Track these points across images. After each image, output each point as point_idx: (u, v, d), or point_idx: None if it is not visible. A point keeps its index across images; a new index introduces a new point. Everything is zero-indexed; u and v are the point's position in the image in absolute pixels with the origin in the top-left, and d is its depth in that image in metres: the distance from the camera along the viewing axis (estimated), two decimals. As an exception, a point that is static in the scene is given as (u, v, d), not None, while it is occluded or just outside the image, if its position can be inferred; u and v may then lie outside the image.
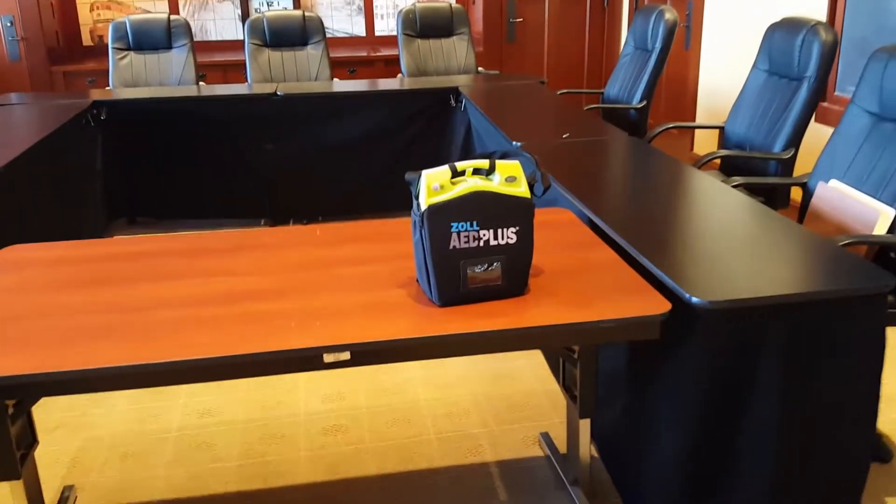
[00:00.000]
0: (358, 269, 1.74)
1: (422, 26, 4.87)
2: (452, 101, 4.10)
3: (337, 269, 1.75)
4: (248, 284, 1.67)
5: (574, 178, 2.40)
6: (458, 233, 1.51)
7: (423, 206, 1.50)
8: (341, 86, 4.39)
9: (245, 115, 4.05)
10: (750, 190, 2.74)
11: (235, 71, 5.32)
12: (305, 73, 4.67)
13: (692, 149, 5.23)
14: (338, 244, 1.90)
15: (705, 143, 5.06)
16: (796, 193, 2.65)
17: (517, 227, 1.54)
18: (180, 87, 4.44)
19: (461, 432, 2.35)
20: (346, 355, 1.43)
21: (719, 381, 1.60)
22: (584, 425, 1.92)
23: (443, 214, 1.50)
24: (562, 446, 2.23)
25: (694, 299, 1.51)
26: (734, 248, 1.75)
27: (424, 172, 1.52)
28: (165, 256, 1.84)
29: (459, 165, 1.53)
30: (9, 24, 5.06)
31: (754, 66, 3.12)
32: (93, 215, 3.86)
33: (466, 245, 1.51)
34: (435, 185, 1.51)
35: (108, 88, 4.53)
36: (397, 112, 4.10)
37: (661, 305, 1.52)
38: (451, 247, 1.51)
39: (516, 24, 5.98)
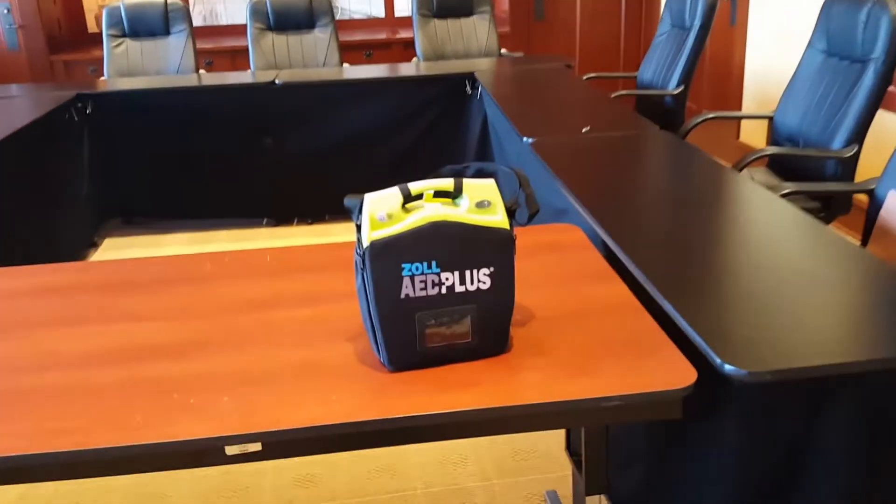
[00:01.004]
0: (303, 311, 1.39)
1: (438, 5, 4.47)
2: (468, 89, 3.71)
3: (277, 311, 1.40)
4: (159, 334, 1.33)
5: (589, 184, 2.00)
6: (412, 277, 1.14)
7: (365, 243, 1.14)
8: (347, 73, 4.04)
9: (244, 106, 3.72)
10: (805, 195, 2.31)
11: (245, 57, 5.00)
12: (312, 58, 4.32)
13: (738, 137, 4.76)
14: (288, 274, 1.55)
15: (753, 132, 4.59)
16: (860, 196, 2.22)
17: (491, 268, 1.16)
18: (174, 76, 4.13)
19: (454, 486, 2.00)
20: (255, 447, 1.08)
21: (759, 466, 1.22)
22: (591, 501, 1.55)
23: (391, 253, 1.13)
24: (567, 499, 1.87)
25: (728, 367, 1.12)
26: (783, 290, 1.35)
27: (367, 197, 1.15)
28: (77, 292, 1.51)
29: (414, 188, 1.16)
30: (6, 12, 4.80)
31: (810, 45, 2.67)
32: (81, 217, 3.58)
33: (423, 293, 1.15)
34: (380, 214, 1.14)
35: (103, 78, 4.24)
36: (407, 101, 3.73)
37: (685, 375, 1.14)
38: (402, 295, 1.14)
39: (545, 1, 5.54)
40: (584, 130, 2.54)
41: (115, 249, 3.67)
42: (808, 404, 1.16)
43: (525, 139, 2.47)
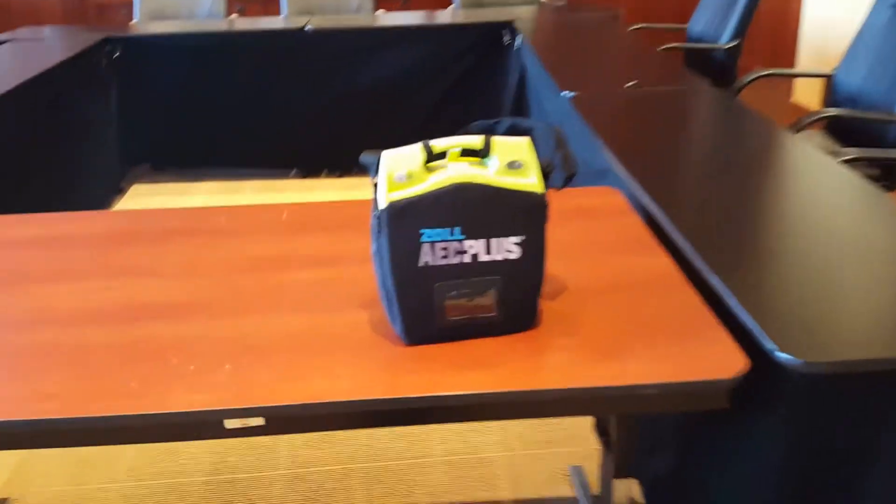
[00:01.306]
0: (317, 273, 1.29)
1: (479, -51, 4.27)
2: (506, 38, 3.55)
3: (288, 272, 1.30)
4: (162, 293, 1.25)
5: (632, 143, 1.86)
6: (432, 243, 1.03)
7: (382, 204, 1.03)
8: (380, 19, 3.88)
9: (273, 53, 3.60)
10: (866, 161, 2.14)
11: (276, 4, 4.86)
12: (346, 4, 4.17)
13: (790, 97, 4.52)
14: (304, 233, 1.45)
15: (807, 92, 4.35)
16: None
17: (521, 237, 1.05)
18: (204, 21, 4.01)
19: (475, 456, 1.91)
20: (257, 421, 0.99)
21: (807, 470, 1.10)
22: (620, 484, 1.46)
23: (410, 217, 1.02)
24: (597, 484, 1.77)
25: (782, 355, 1.00)
26: (844, 268, 1.22)
27: (386, 154, 1.04)
28: (81, 244, 1.43)
29: (438, 145, 1.05)
30: (38, -50, 4.71)
31: (878, -2, 2.47)
32: (108, 162, 3.52)
33: (444, 261, 1.04)
34: (399, 173, 1.03)
35: (133, 21, 4.14)
36: (441, 50, 3.58)
37: (734, 362, 1.02)
38: (420, 263, 1.04)
39: (592, -51, 5.28)
40: (628, 85, 2.38)
41: (141, 196, 3.61)
42: (874, 403, 1.04)
43: (564, 93, 2.33)
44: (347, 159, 3.75)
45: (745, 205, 1.48)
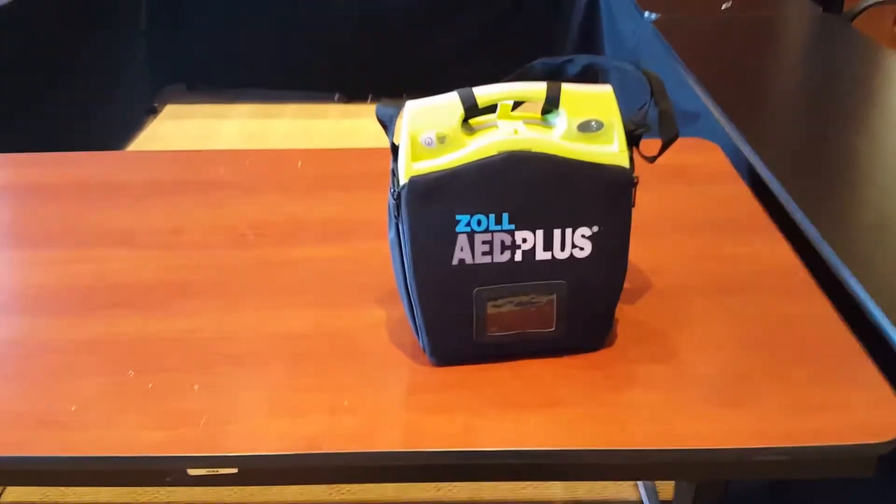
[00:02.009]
0: (330, 249, 1.01)
1: None
2: (578, -51, 3.12)
3: (294, 247, 1.03)
4: (132, 269, 0.98)
5: (732, 80, 1.52)
6: (471, 234, 0.74)
7: (402, 179, 0.74)
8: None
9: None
10: None
11: None
12: None
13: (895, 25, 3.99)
14: (321, 189, 1.16)
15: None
16: None
17: (595, 227, 0.75)
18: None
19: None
20: (229, 469, 0.74)
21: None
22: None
23: (440, 197, 0.73)
24: (666, 491, 1.50)
25: (967, 416, 0.70)
26: None
27: (410, 106, 0.74)
28: (52, 197, 1.17)
29: (483, 94, 0.74)
30: None
31: None
32: (140, 81, 3.27)
33: (487, 259, 0.75)
34: (427, 135, 0.73)
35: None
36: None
37: (890, 415, 0.72)
38: (454, 261, 0.75)
39: None
40: (724, 7, 2.00)
41: (174, 118, 3.37)
42: None
43: (647, 14, 1.96)
44: (393, 83, 3.43)
45: (881, 167, 1.14)
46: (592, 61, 0.82)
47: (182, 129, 3.29)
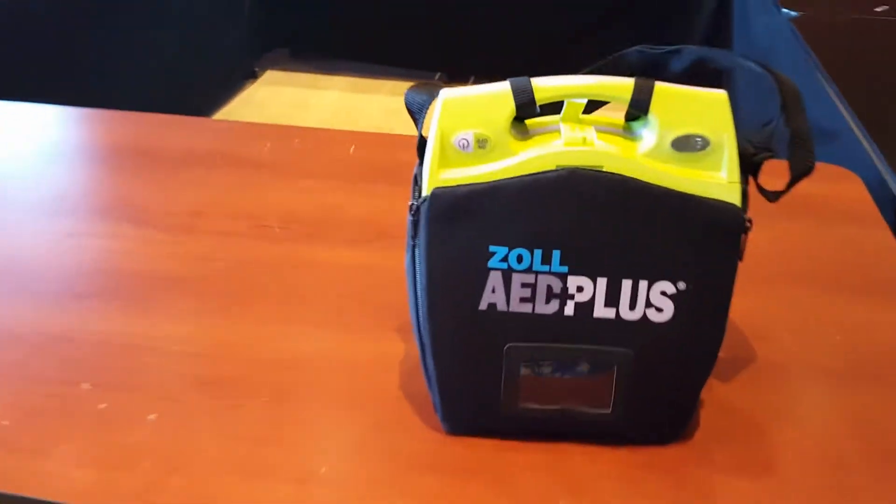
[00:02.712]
0: (359, 254, 0.84)
1: None
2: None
3: (321, 247, 0.85)
4: (134, 253, 0.84)
5: (880, 97, 1.25)
6: (507, 272, 0.55)
7: (425, 189, 0.55)
8: None
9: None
10: None
11: None
12: None
13: None
14: (369, 181, 0.99)
15: None
16: None
17: (683, 284, 0.54)
18: None
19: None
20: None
21: None
22: None
23: (469, 220, 0.54)
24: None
25: None
26: None
27: (445, 95, 0.55)
28: (75, 159, 1.05)
29: (546, 86, 0.54)
30: None
31: None
32: (240, 44, 3.19)
33: (527, 308, 0.55)
34: (463, 136, 0.54)
35: None
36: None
37: None
38: (482, 304, 0.56)
39: None
40: (879, 9, 1.70)
41: (273, 85, 3.28)
42: None
43: (784, 11, 1.68)
44: (498, 64, 3.21)
45: None
46: (706, 55, 0.61)
47: (279, 95, 3.20)
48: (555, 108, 0.55)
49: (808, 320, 0.75)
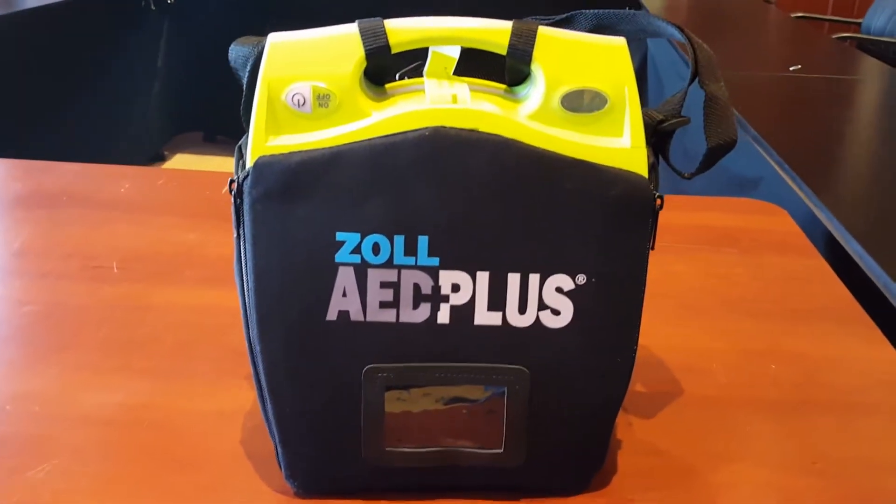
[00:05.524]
0: (209, 295, 0.70)
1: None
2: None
3: (169, 288, 0.71)
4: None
5: (800, 144, 1.21)
6: (361, 266, 0.42)
7: (249, 161, 0.43)
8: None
9: (345, 13, 3.06)
10: None
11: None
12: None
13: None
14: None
15: None
16: None
17: (583, 276, 0.43)
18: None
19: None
20: None
21: None
22: None
23: (307, 199, 0.41)
24: None
25: None
26: None
27: (273, 39, 0.44)
28: None
29: (402, 28, 0.43)
30: None
31: None
32: (149, 124, 3.07)
33: (389, 316, 0.43)
34: (298, 90, 0.42)
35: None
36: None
37: None
38: (331, 314, 0.43)
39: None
40: (792, 68, 1.70)
41: (182, 167, 3.15)
42: None
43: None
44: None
45: None
46: (606, 19, 0.52)
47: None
48: (418, 61, 0.45)
49: (740, 351, 0.64)
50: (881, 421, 0.56)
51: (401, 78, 0.47)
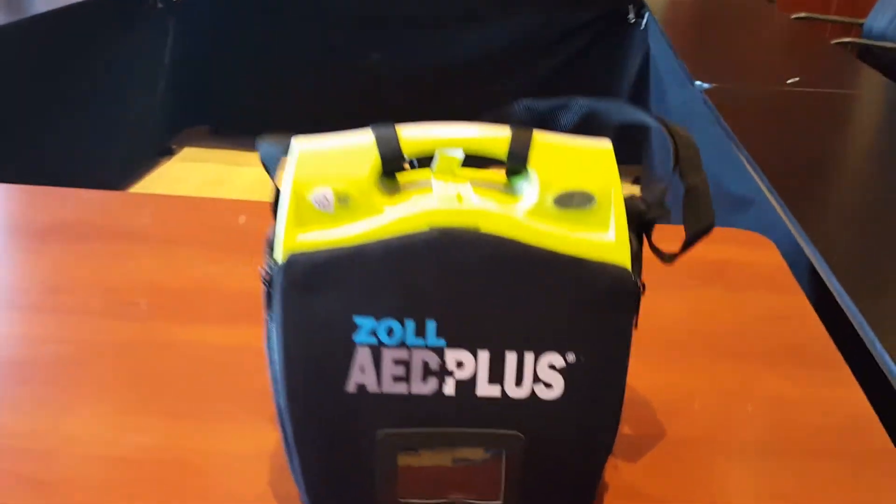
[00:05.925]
0: (232, 333, 0.76)
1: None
2: (631, 16, 2.92)
3: (194, 325, 0.77)
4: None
5: (792, 164, 1.25)
6: (377, 348, 0.48)
7: (280, 256, 0.49)
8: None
9: (352, 12, 3.10)
10: None
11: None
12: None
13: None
14: (254, 252, 0.92)
15: None
16: None
17: (572, 356, 0.48)
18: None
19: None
20: None
21: None
22: None
23: (330, 289, 0.47)
24: None
25: None
26: None
27: (298, 145, 0.49)
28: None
29: (414, 136, 0.49)
30: None
31: None
32: (157, 120, 3.12)
33: (401, 388, 0.48)
34: (321, 192, 0.48)
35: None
36: (553, 21, 2.99)
37: None
38: (349, 386, 0.49)
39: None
40: (789, 81, 1.74)
41: (190, 161, 3.21)
42: None
43: (697, 84, 1.71)
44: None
45: None
46: (596, 108, 0.57)
47: (195, 172, 3.12)
48: (424, 163, 0.50)
49: (720, 391, 0.70)
50: (845, 461, 0.62)
51: (411, 165, 0.53)
